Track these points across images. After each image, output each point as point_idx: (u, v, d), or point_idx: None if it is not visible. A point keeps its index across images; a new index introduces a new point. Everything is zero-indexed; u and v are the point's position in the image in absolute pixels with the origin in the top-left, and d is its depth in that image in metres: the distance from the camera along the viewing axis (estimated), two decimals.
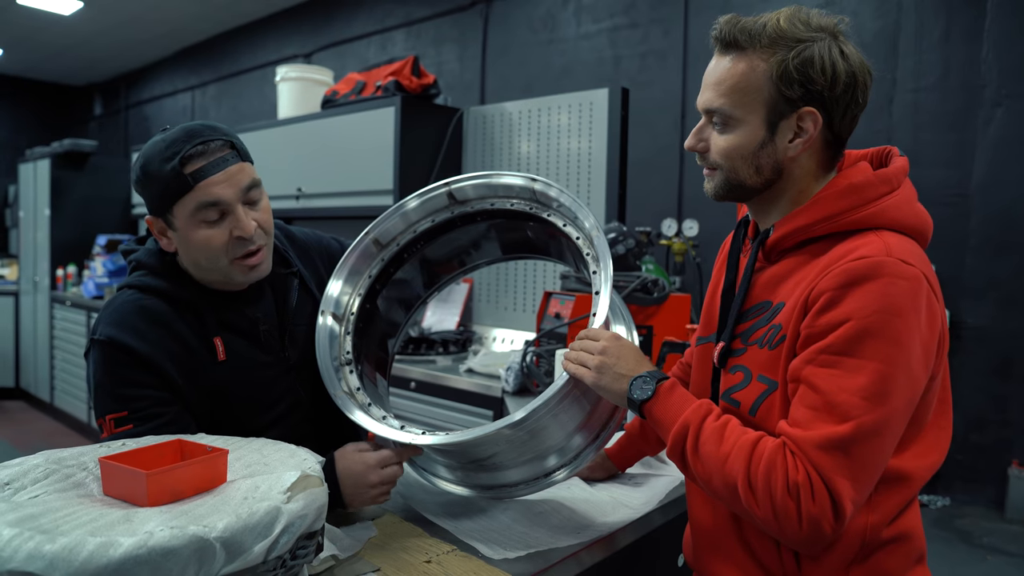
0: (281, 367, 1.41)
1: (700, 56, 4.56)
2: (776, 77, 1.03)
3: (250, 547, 0.80)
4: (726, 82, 1.07)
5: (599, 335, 1.19)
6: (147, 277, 1.33)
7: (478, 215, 1.50)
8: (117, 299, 1.32)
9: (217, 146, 1.25)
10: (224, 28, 7.99)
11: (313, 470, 0.94)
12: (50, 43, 8.39)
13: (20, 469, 0.91)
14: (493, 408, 2.69)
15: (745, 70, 1.05)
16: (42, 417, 6.36)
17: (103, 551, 0.71)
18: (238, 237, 1.27)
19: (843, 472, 0.93)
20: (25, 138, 9.53)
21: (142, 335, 1.26)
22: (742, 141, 1.07)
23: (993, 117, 3.77)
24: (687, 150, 1.15)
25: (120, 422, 1.22)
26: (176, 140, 1.23)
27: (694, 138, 1.13)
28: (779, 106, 1.05)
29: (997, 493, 3.83)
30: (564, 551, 1.26)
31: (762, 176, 1.09)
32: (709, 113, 1.10)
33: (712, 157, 1.11)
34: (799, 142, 1.06)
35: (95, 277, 5.68)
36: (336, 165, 3.61)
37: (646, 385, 1.11)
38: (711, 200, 1.18)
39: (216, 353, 1.32)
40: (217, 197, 1.24)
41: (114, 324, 1.26)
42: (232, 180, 1.25)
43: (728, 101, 1.07)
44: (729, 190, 1.12)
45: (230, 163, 1.25)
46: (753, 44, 1.05)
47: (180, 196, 1.23)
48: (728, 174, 1.10)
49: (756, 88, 1.05)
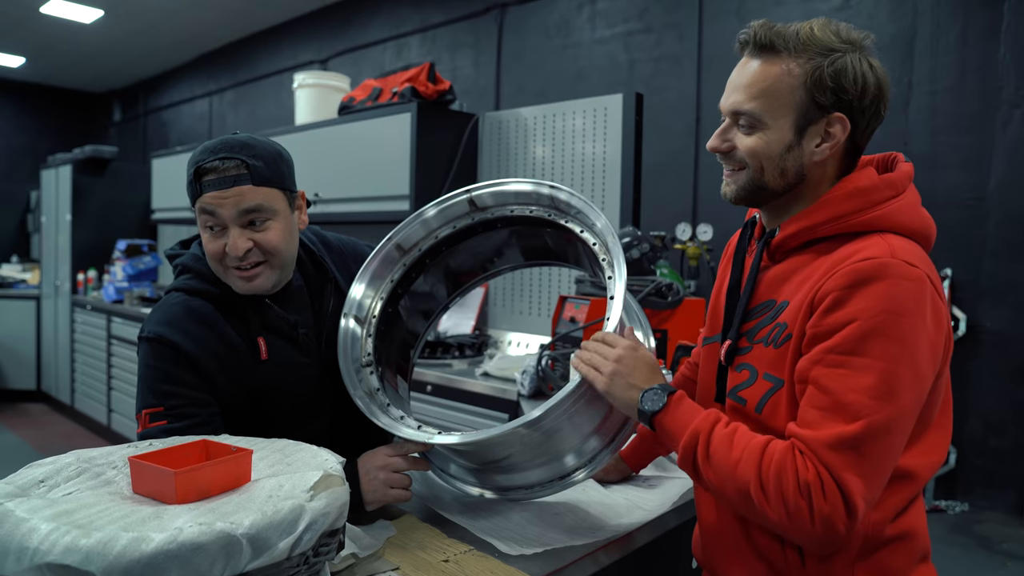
0: (318, 368, 1.47)
1: (714, 61, 4.56)
2: (810, 83, 1.06)
3: (275, 543, 0.82)
4: (757, 84, 1.08)
5: (616, 342, 1.20)
6: (192, 280, 1.39)
7: (498, 221, 1.52)
8: (165, 302, 1.39)
9: (232, 165, 1.29)
10: (241, 35, 8.09)
11: (335, 470, 0.96)
12: (71, 51, 8.53)
13: (53, 467, 0.94)
14: (509, 411, 2.70)
15: (779, 74, 1.07)
16: (63, 419, 6.45)
17: (136, 546, 0.74)
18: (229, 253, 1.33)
19: (854, 470, 0.94)
20: (47, 144, 9.67)
21: (188, 333, 1.32)
22: (770, 143, 1.09)
23: (1011, 119, 3.74)
24: (710, 151, 1.16)
25: (155, 417, 1.28)
26: (207, 148, 1.31)
27: (719, 139, 1.15)
28: (809, 111, 1.07)
29: (1016, 498, 3.79)
30: (580, 550, 1.27)
31: (786, 179, 1.11)
32: (736, 115, 1.12)
33: (739, 155, 1.12)
34: (826, 147, 1.09)
35: (115, 281, 5.75)
36: (353, 171, 3.64)
37: (657, 397, 1.13)
38: (725, 204, 1.20)
39: (259, 352, 1.38)
40: (213, 208, 1.30)
41: (162, 323, 1.33)
42: (230, 201, 1.29)
43: (759, 104, 1.08)
44: (751, 191, 1.13)
45: (238, 184, 1.29)
46: (788, 49, 1.06)
47: (195, 198, 1.33)
48: (754, 174, 1.11)
49: (788, 92, 1.07)
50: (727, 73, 1.16)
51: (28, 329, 6.94)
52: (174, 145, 8.87)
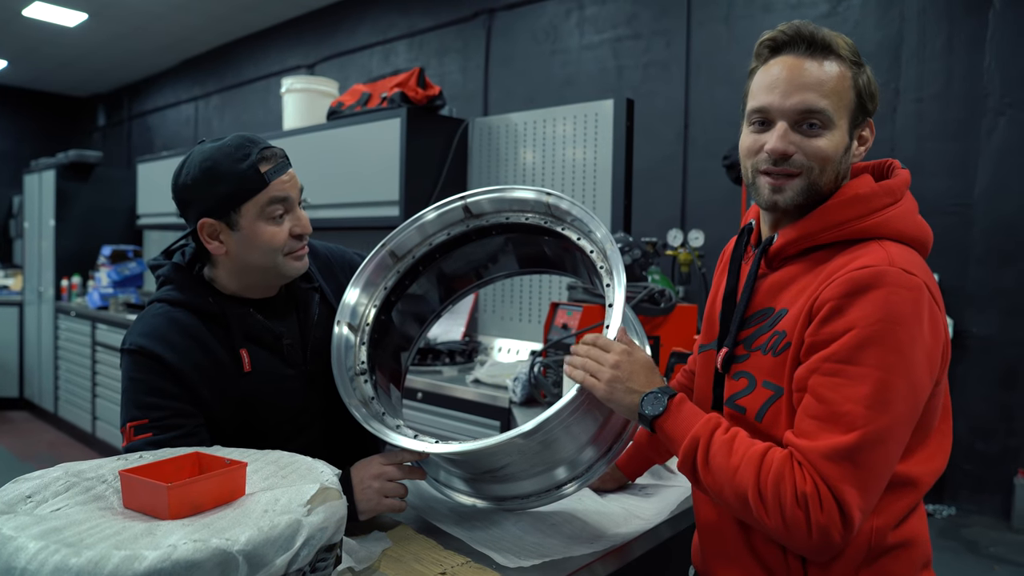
0: (303, 379, 1.44)
1: (702, 67, 4.58)
2: (861, 87, 1.08)
3: (272, 560, 0.80)
4: (827, 84, 1.06)
5: (610, 347, 1.19)
6: (175, 291, 1.37)
7: (493, 228, 1.51)
8: (147, 313, 1.37)
9: (279, 152, 1.36)
10: (228, 39, 8.04)
11: (331, 483, 0.95)
12: (54, 55, 8.45)
13: (41, 482, 0.92)
14: (500, 419, 2.69)
15: (840, 75, 1.07)
16: (46, 427, 6.35)
17: (128, 564, 0.72)
18: (296, 235, 1.37)
19: (850, 481, 0.95)
20: (29, 149, 9.57)
21: (170, 344, 1.30)
22: (837, 144, 1.08)
23: (996, 126, 3.78)
24: (774, 153, 1.07)
25: (140, 430, 1.25)
26: (242, 145, 1.31)
27: (784, 140, 1.07)
28: (857, 114, 1.09)
29: (1003, 502, 3.82)
30: (578, 561, 1.26)
31: (836, 183, 1.10)
32: (807, 114, 1.06)
33: (800, 159, 1.07)
34: (862, 150, 1.12)
35: (100, 288, 5.69)
36: (342, 176, 3.62)
37: (657, 401, 1.12)
38: (713, 210, 1.20)
39: (242, 364, 1.35)
40: (286, 194, 1.34)
41: (144, 334, 1.31)
42: (293, 181, 1.37)
43: (831, 103, 1.06)
44: (808, 196, 1.09)
45: (289, 167, 1.37)
46: (839, 52, 1.07)
47: (253, 194, 1.31)
48: (815, 178, 1.08)
49: (846, 94, 1.07)
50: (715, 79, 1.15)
51: (11, 336, 6.85)
52: (159, 150, 8.79)
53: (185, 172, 1.33)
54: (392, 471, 1.33)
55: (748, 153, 1.12)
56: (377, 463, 1.34)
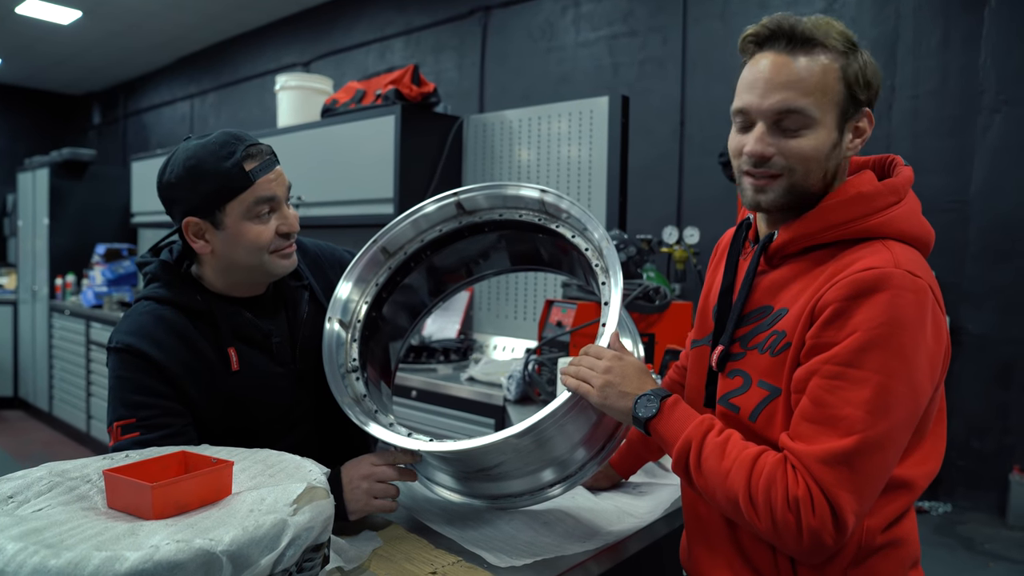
0: (292, 378, 1.43)
1: (698, 64, 4.57)
2: (850, 77, 1.03)
3: (256, 560, 0.79)
4: (808, 81, 1.01)
5: (602, 354, 1.18)
6: (162, 289, 1.35)
7: (486, 225, 1.49)
8: (134, 311, 1.34)
9: (266, 148, 1.33)
10: (223, 37, 8.01)
11: (319, 482, 0.94)
12: (49, 52, 8.41)
13: (23, 482, 0.90)
14: (495, 417, 2.68)
15: (822, 69, 1.02)
16: (41, 426, 6.33)
17: (109, 566, 0.71)
18: (283, 233, 1.35)
19: (846, 486, 0.93)
20: (24, 147, 9.53)
21: (157, 343, 1.28)
22: (820, 143, 1.03)
23: (992, 123, 3.78)
24: (752, 156, 1.05)
25: (127, 429, 1.23)
26: (227, 142, 1.28)
27: (761, 143, 1.04)
28: (847, 107, 1.04)
29: (999, 499, 3.83)
30: (571, 560, 1.25)
31: (826, 181, 1.07)
32: (784, 114, 1.03)
33: (780, 161, 1.04)
34: (858, 142, 1.07)
35: (94, 286, 5.66)
36: (336, 174, 3.60)
37: (650, 403, 1.11)
38: (710, 207, 1.18)
39: (230, 363, 1.34)
40: (272, 193, 1.31)
41: (130, 332, 1.29)
42: (280, 179, 1.34)
43: (812, 101, 1.02)
44: (792, 198, 1.06)
45: (276, 165, 1.34)
46: (825, 43, 1.02)
47: (238, 192, 1.28)
48: (798, 179, 1.05)
49: (832, 87, 1.03)
50: (711, 76, 1.13)
51: (5, 335, 6.83)
52: (154, 148, 8.76)
53: (169, 170, 1.30)
54: (383, 471, 1.31)
55: (734, 154, 1.11)
56: (368, 463, 1.32)
